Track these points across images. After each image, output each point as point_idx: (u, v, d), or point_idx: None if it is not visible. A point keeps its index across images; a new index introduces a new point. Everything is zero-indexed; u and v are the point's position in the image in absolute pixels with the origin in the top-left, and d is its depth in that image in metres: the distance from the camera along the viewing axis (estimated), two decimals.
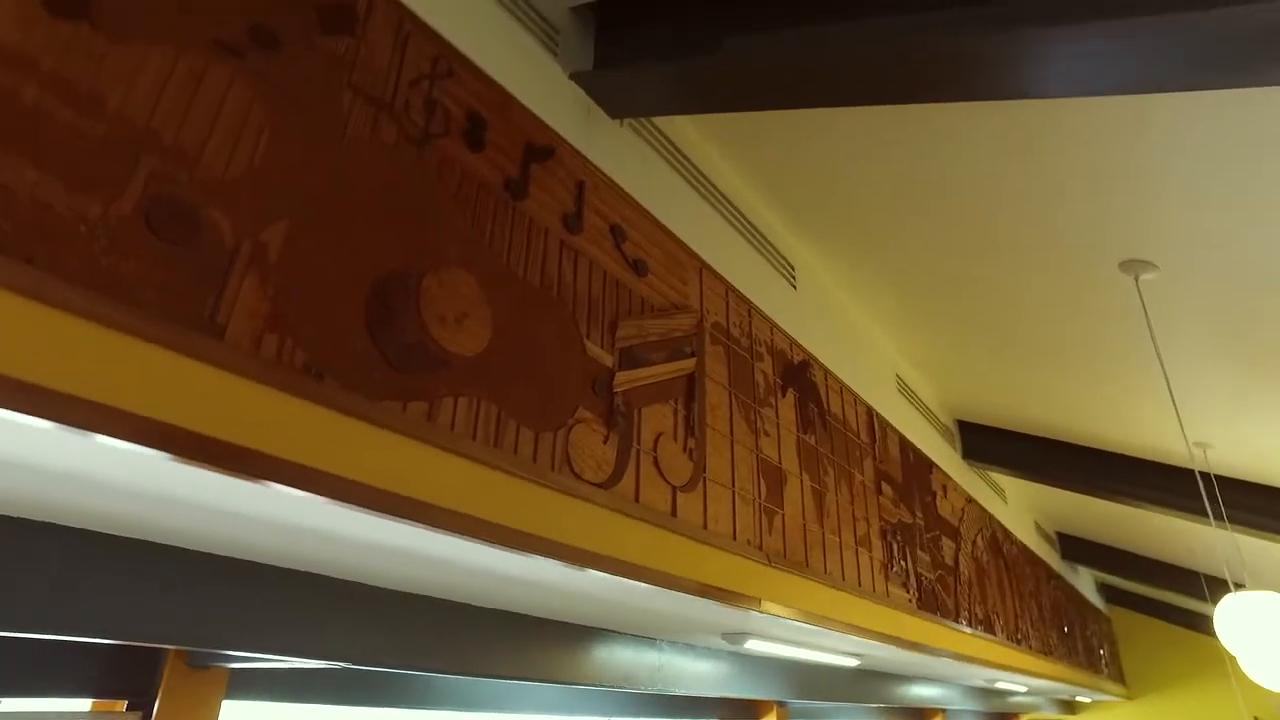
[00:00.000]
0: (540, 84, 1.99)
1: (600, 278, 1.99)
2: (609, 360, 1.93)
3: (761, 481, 2.43)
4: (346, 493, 1.24)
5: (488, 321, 1.60)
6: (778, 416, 2.65)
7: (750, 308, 2.69)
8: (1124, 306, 3.00)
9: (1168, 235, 2.54)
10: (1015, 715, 8.29)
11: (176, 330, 1.08)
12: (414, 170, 1.54)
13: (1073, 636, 7.04)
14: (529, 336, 1.70)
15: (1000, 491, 5.72)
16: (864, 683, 4.40)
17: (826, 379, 3.12)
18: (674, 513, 1.98)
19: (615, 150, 2.22)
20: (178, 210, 1.13)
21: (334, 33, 1.46)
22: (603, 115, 2.21)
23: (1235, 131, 2.16)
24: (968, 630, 3.98)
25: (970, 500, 4.73)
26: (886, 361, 3.96)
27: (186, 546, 1.64)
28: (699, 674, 3.03)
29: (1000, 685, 5.59)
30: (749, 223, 2.86)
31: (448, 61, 1.71)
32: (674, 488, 2.01)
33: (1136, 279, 2.74)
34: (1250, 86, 1.69)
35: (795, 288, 3.10)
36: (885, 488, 3.40)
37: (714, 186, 2.69)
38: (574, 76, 2.12)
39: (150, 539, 1.59)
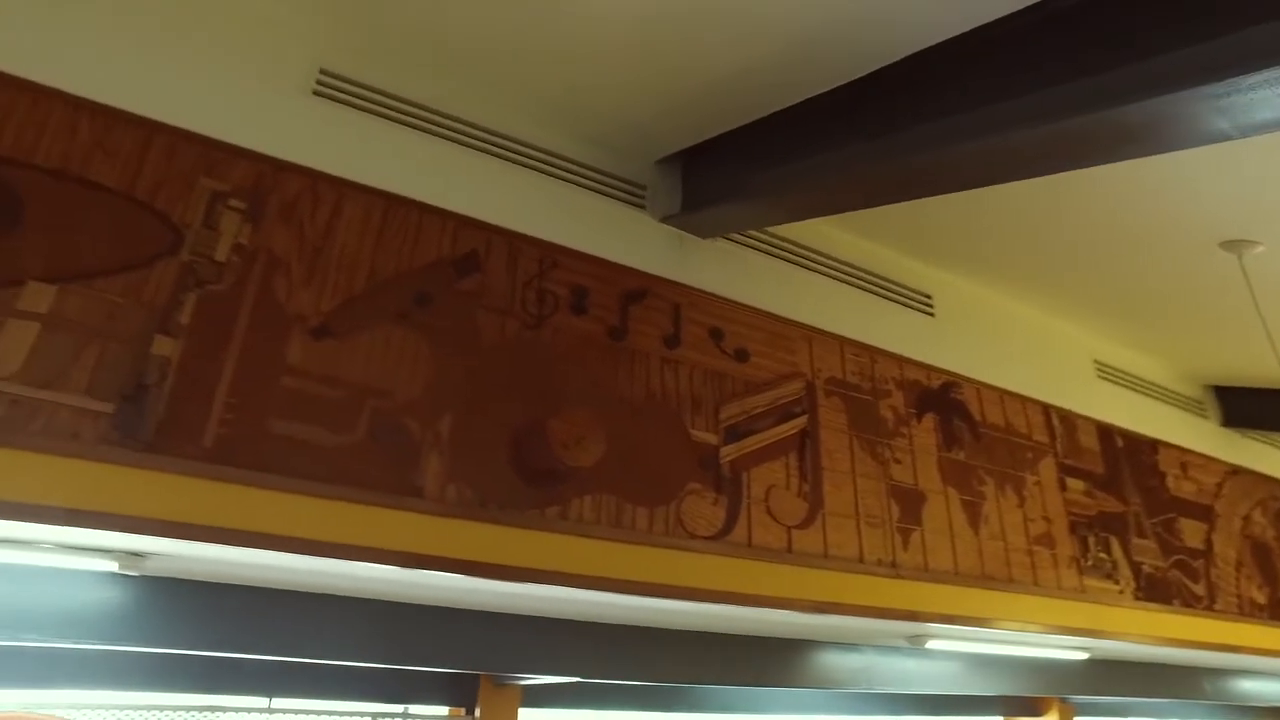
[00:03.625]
0: (633, 237, 2.67)
1: (701, 376, 2.60)
2: (714, 439, 2.53)
3: (894, 505, 2.82)
4: (510, 574, 2.01)
5: (602, 438, 2.31)
6: (912, 444, 3.01)
7: (873, 353, 3.08)
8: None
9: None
10: None
11: (395, 497, 1.94)
12: (533, 347, 2.31)
13: None
14: (637, 440, 2.37)
15: None
16: (1165, 677, 4.26)
17: (980, 394, 3.35)
18: (789, 548, 2.51)
19: (711, 263, 2.82)
20: (387, 427, 2.00)
21: (466, 274, 2.28)
22: (695, 238, 2.82)
23: None
24: (1235, 617, 3.78)
25: (1235, 471, 4.39)
26: (1079, 351, 3.96)
27: (484, 610, 2.53)
28: (909, 673, 3.39)
29: None
30: (871, 274, 3.25)
31: (551, 256, 2.46)
32: (788, 528, 2.54)
33: (1240, 256, 2.68)
34: None
35: (933, 315, 3.39)
36: (1073, 482, 3.48)
37: (826, 256, 3.14)
38: (664, 220, 2.76)
39: (468, 608, 2.51)
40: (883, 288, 3.27)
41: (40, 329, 1.76)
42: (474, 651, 2.57)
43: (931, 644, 3.06)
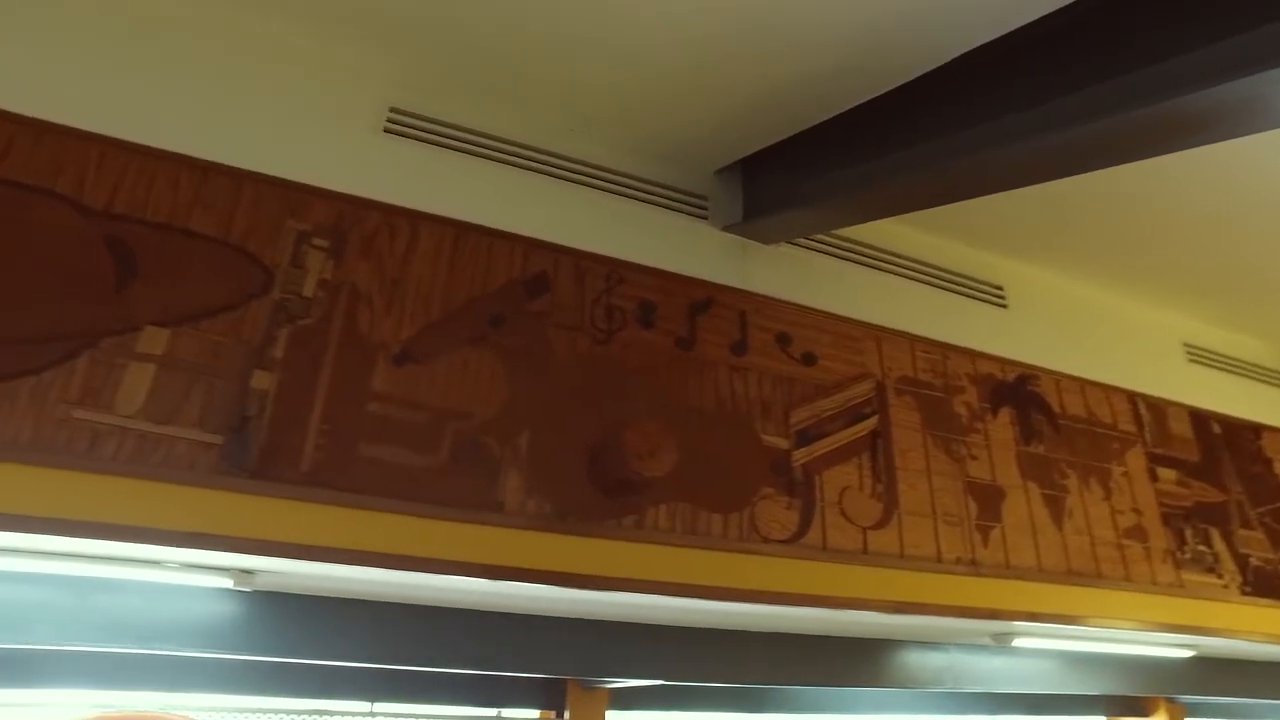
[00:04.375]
0: (696, 248, 2.73)
1: (770, 381, 2.63)
2: (785, 444, 2.56)
3: (971, 502, 2.79)
4: (591, 582, 2.10)
5: (674, 448, 2.37)
6: (988, 439, 2.96)
7: (944, 350, 3.05)
8: None
9: None
10: None
11: (477, 513, 2.05)
12: (604, 362, 2.39)
13: None
14: (709, 448, 2.42)
15: None
16: None
17: (1059, 385, 3.27)
18: (865, 549, 2.51)
19: (775, 269, 2.85)
20: (468, 447, 2.11)
21: (536, 295, 2.38)
22: (758, 245, 2.85)
23: None
24: None
25: None
26: (1166, 335, 3.81)
27: (569, 616, 2.62)
28: (997, 672, 3.32)
29: None
30: (939, 269, 3.22)
31: (618, 273, 2.54)
32: (863, 529, 2.54)
33: None
34: None
35: (1006, 307, 3.33)
36: (1165, 472, 3.36)
37: (892, 254, 3.12)
38: (726, 229, 2.80)
39: (554, 615, 2.60)
40: (952, 282, 3.23)
41: (157, 369, 1.94)
42: (561, 657, 2.67)
43: (1018, 642, 3.01)
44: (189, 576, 2.10)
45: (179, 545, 1.87)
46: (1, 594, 2.07)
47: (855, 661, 3.08)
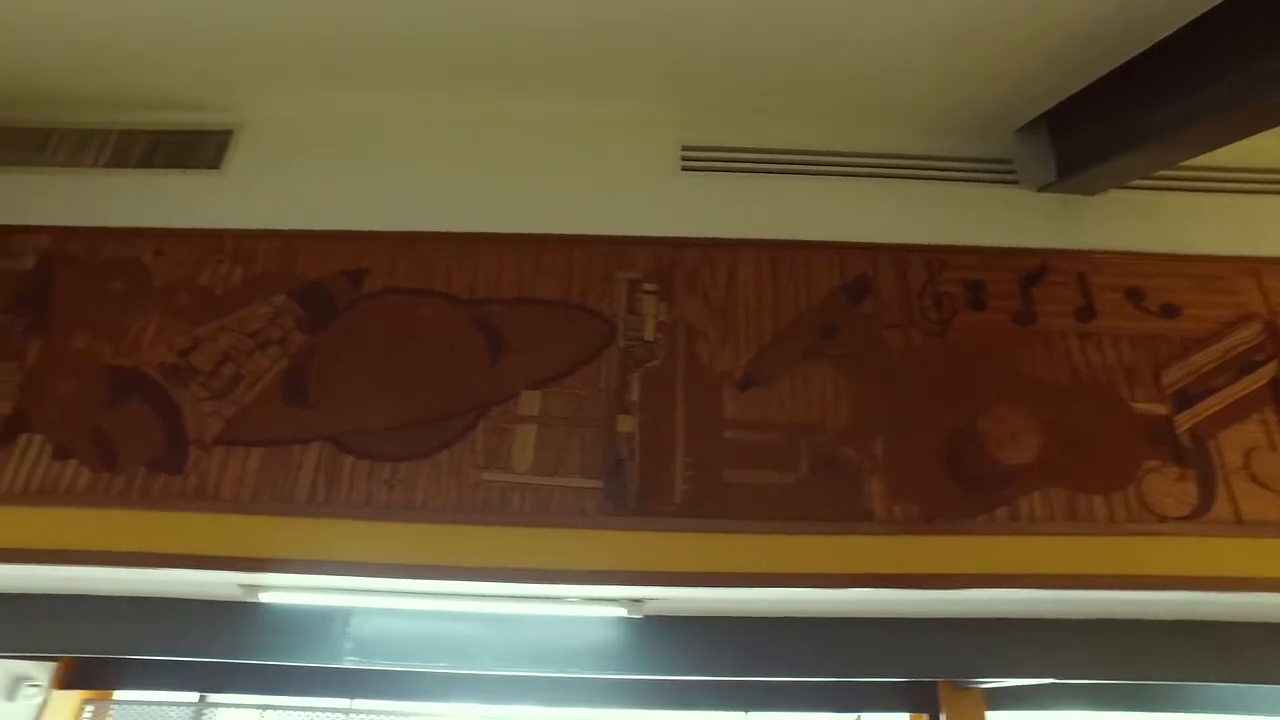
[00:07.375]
0: (1013, 216, 2.54)
1: (1128, 343, 2.36)
2: (1163, 409, 2.28)
3: None
4: (960, 582, 2.01)
5: (1036, 431, 2.21)
6: None
7: None
8: None
9: None
10: None
11: (845, 523, 2.05)
12: (943, 353, 2.29)
13: None
14: (1073, 425, 2.23)
15: None
16: None
17: None
18: None
19: (1107, 219, 2.56)
20: (825, 459, 2.13)
21: (861, 298, 2.35)
22: (1081, 198, 2.59)
23: None
24: None
25: None
26: None
27: (938, 617, 2.55)
28: None
29: None
30: None
31: (938, 259, 2.43)
32: None
33: None
34: None
35: None
36: None
37: (1250, 170, 2.67)
38: (1042, 189, 2.58)
39: (923, 617, 2.55)
40: None
41: (537, 429, 2.18)
42: (932, 658, 2.59)
43: None
44: (588, 608, 2.32)
45: (578, 582, 2.08)
46: (451, 629, 2.44)
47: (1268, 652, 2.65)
